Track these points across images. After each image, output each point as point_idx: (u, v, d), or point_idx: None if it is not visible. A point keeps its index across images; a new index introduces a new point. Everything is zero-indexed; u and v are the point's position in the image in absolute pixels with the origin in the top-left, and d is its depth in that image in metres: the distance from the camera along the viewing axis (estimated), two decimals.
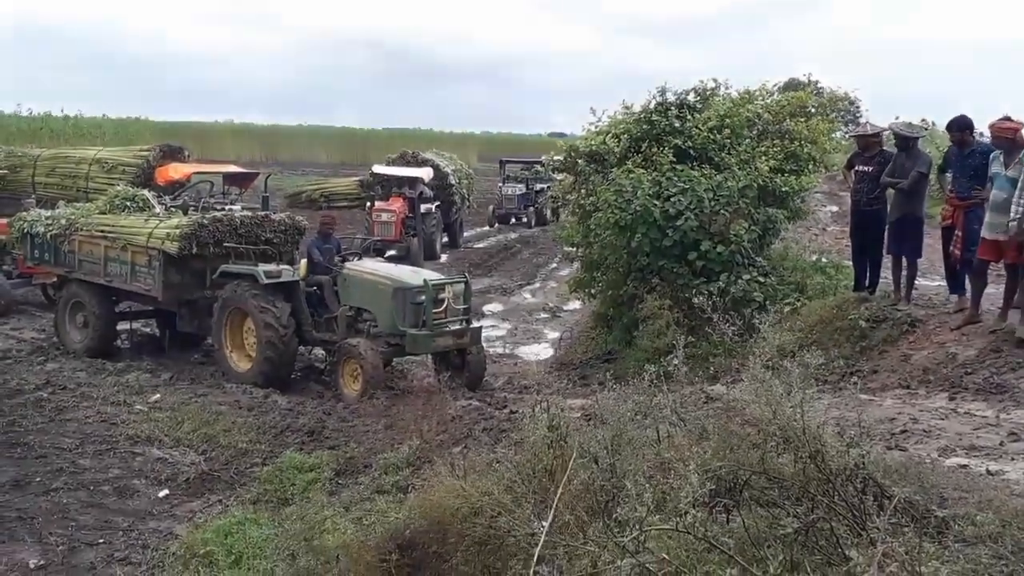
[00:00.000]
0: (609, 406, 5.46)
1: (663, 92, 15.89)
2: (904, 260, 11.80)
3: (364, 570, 5.69)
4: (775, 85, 17.96)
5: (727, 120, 15.30)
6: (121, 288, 15.54)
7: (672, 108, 15.56)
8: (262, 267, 14.29)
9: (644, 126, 15.49)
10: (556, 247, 25.83)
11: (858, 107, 33.60)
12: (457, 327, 13.75)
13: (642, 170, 14.45)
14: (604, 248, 14.49)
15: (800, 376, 4.84)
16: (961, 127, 10.86)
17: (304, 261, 14.60)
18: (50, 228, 16.07)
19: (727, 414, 5.34)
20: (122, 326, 16.53)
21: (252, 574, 7.03)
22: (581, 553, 4.35)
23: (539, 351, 18.31)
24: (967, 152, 10.78)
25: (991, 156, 10.37)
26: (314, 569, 6.20)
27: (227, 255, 14.71)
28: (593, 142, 15.85)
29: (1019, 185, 9.69)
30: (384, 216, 27.48)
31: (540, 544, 4.37)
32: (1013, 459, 6.66)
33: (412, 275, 14.29)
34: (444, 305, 13.50)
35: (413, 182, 28.96)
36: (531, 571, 4.29)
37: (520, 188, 37.80)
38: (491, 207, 38.05)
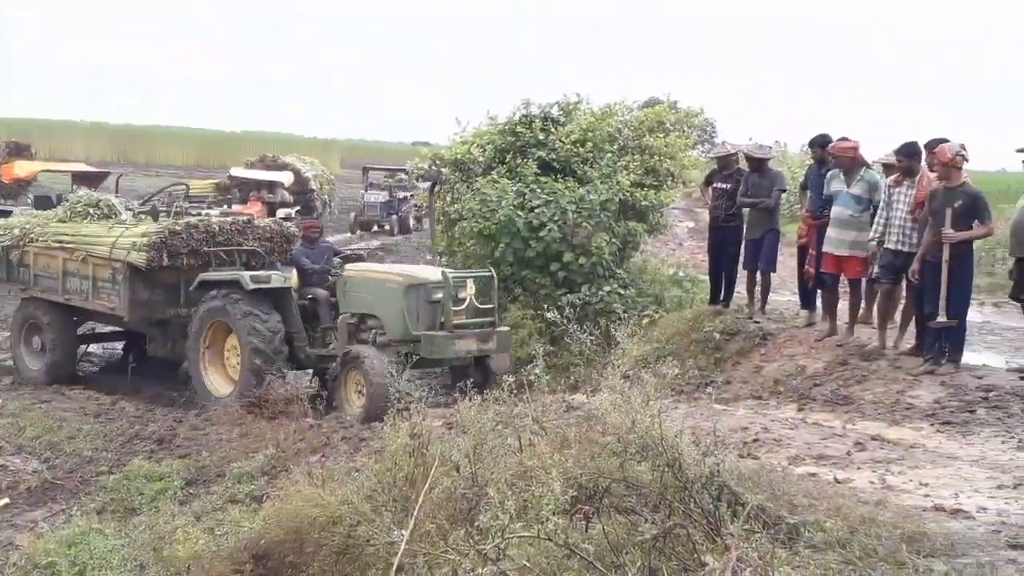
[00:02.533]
0: (471, 415, 5.46)
1: (527, 104, 16.02)
2: (759, 275, 12.18)
3: None
4: (634, 102, 18.30)
5: (589, 134, 15.52)
6: (83, 307, 13.64)
7: (536, 120, 15.70)
8: (247, 272, 12.53)
9: (509, 137, 15.58)
10: (419, 255, 25.72)
11: (714, 127, 34.57)
12: (481, 329, 11.71)
13: (507, 180, 14.54)
14: (468, 257, 14.51)
15: (657, 386, 4.95)
16: (822, 144, 11.27)
17: (293, 272, 12.86)
18: (1, 239, 14.11)
19: (588, 423, 5.40)
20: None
21: None
22: (442, 561, 4.34)
23: None
24: (824, 171, 11.18)
25: (828, 175, 10.82)
26: None
27: (204, 267, 12.88)
28: (458, 151, 15.87)
29: (881, 205, 10.15)
30: None
31: (400, 553, 4.34)
32: (859, 468, 6.92)
33: (425, 270, 12.66)
34: (466, 303, 11.53)
35: (272, 186, 28.47)
36: None
37: (383, 196, 37.53)
38: (353, 214, 37.64)
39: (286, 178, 29.34)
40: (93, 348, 15.27)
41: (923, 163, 10.08)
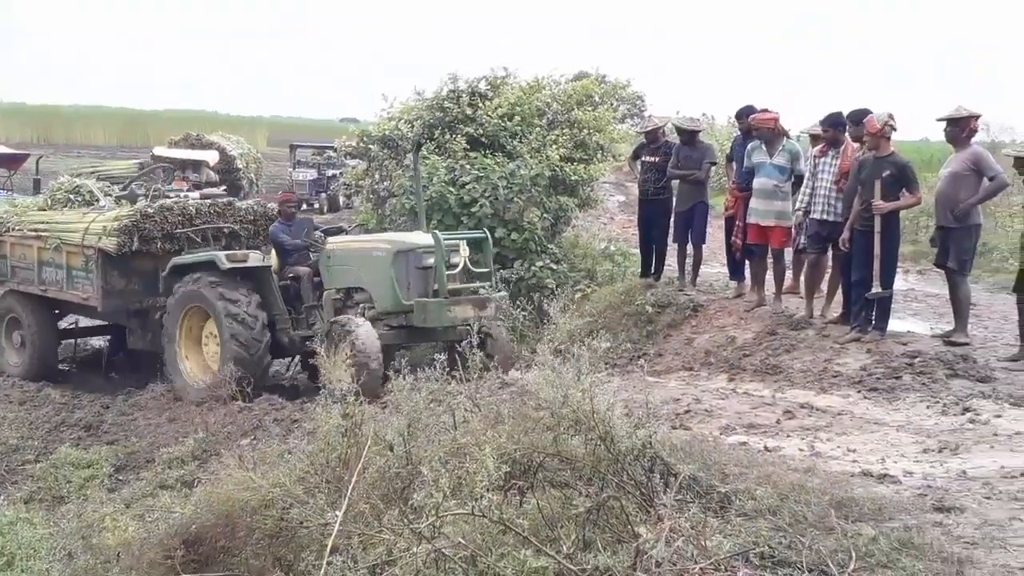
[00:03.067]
0: (404, 394, 5.43)
1: (455, 79, 15.94)
2: (690, 247, 12.29)
3: (147, 568, 5.46)
4: (562, 75, 18.27)
5: (518, 108, 15.50)
6: (58, 297, 12.97)
7: (464, 95, 15.63)
8: (222, 252, 11.69)
9: (437, 113, 15.51)
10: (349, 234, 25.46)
11: (643, 100, 34.66)
12: (477, 295, 10.88)
13: (437, 157, 14.47)
14: None
15: (589, 360, 4.97)
16: (748, 115, 11.37)
17: (272, 252, 11.98)
18: None
19: (521, 399, 5.40)
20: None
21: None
22: (376, 541, 4.31)
23: None
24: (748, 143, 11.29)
25: (750, 146, 10.96)
26: (93, 568, 5.91)
27: (181, 252, 12.14)
28: (386, 128, 15.76)
29: (806, 175, 10.30)
30: None
31: (334, 534, 4.30)
32: (788, 436, 7.05)
33: (413, 235, 11.58)
34: (460, 267, 10.81)
35: (197, 165, 28.06)
36: (324, 562, 4.22)
37: (312, 173, 37.08)
38: (281, 192, 37.24)
39: (211, 157, 28.94)
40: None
41: (847, 133, 10.24)
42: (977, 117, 9.83)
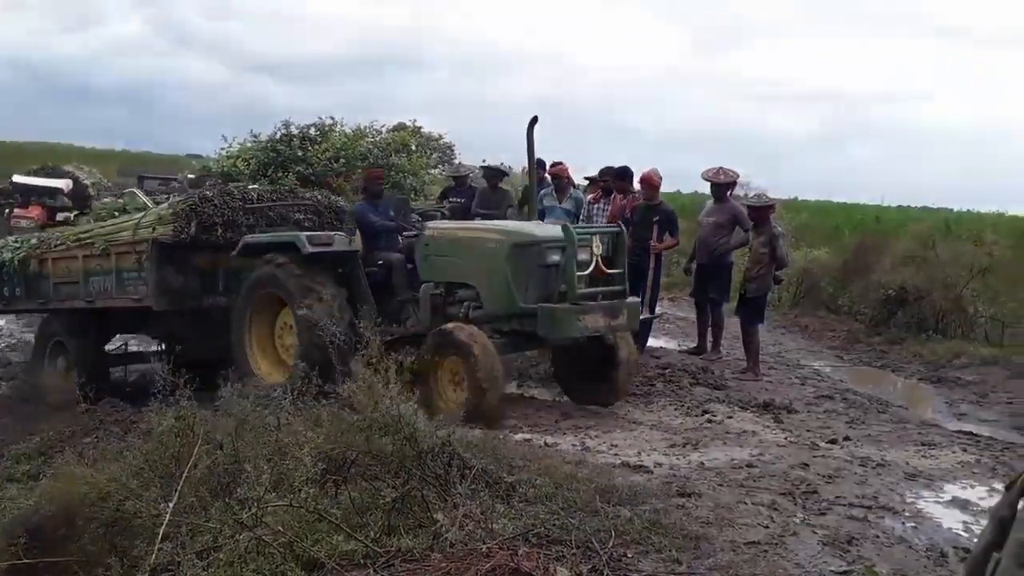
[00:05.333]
0: (233, 399, 5.24)
1: (288, 125, 15.68)
2: None
3: None
4: (383, 126, 18.22)
5: (343, 152, 15.36)
6: (107, 305, 10.02)
7: (295, 139, 15.40)
8: (304, 233, 8.76)
9: (271, 153, 15.19)
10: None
11: (452, 148, 34.83)
12: (611, 301, 7.92)
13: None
14: None
15: (396, 371, 4.95)
16: (541, 166, 11.60)
17: (357, 234, 9.09)
18: (17, 252, 10.71)
19: (339, 405, 5.31)
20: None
21: None
22: (203, 530, 4.12)
23: None
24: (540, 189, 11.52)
25: (542, 192, 11.22)
26: None
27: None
28: (225, 164, 15.33)
29: (582, 218, 10.59)
30: (23, 223, 24.91)
31: (164, 523, 4.09)
32: (564, 433, 7.14)
33: (534, 225, 8.71)
34: (591, 266, 7.80)
35: (53, 192, 26.52)
36: (155, 548, 4.01)
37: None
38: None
39: (65, 184, 27.35)
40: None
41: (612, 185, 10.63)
42: (737, 177, 10.50)
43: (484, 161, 10.72)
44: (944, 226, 17.19)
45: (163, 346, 10.48)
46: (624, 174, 10.30)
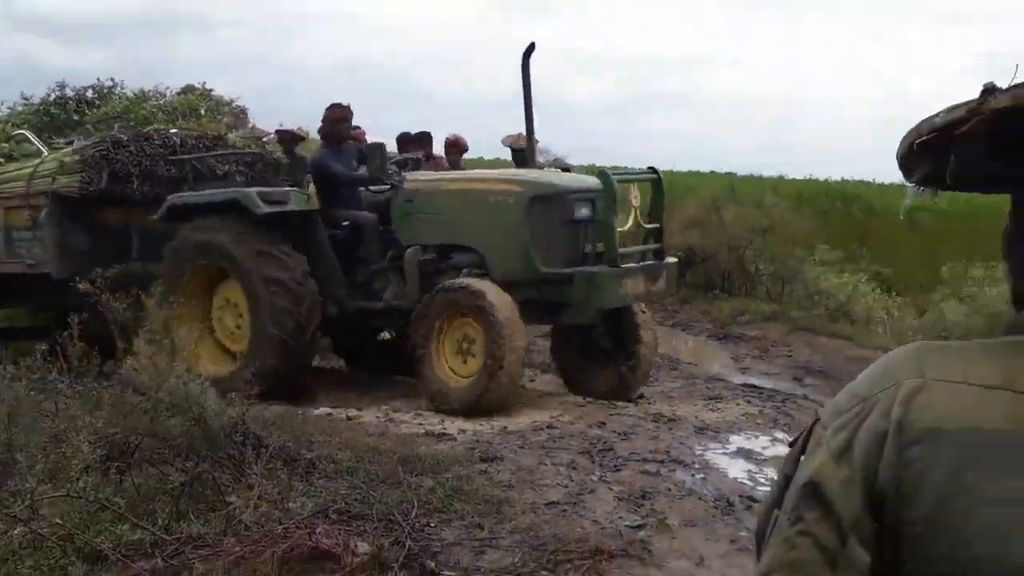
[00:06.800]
0: (4, 384, 4.86)
1: (63, 87, 14.59)
2: None
3: None
4: (168, 89, 17.29)
5: (124, 116, 14.50)
6: None
7: (71, 102, 14.38)
8: (253, 189, 7.20)
9: (44, 117, 14.12)
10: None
11: (246, 112, 33.60)
12: (651, 262, 6.84)
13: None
14: None
15: (179, 349, 4.73)
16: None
17: (312, 187, 7.51)
18: None
19: (121, 385, 5.02)
20: None
21: None
22: None
23: None
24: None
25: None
26: None
27: (159, 201, 7.49)
28: None
29: None
30: None
31: None
32: (368, 406, 7.07)
33: (552, 174, 7.36)
34: (631, 221, 6.67)
35: None
36: None
37: None
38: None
39: None
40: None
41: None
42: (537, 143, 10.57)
43: (282, 125, 10.31)
44: (729, 189, 18.17)
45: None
46: (423, 137, 10.22)
